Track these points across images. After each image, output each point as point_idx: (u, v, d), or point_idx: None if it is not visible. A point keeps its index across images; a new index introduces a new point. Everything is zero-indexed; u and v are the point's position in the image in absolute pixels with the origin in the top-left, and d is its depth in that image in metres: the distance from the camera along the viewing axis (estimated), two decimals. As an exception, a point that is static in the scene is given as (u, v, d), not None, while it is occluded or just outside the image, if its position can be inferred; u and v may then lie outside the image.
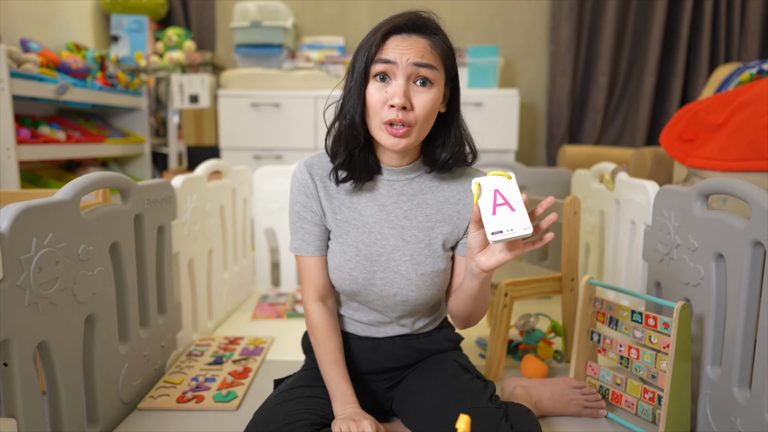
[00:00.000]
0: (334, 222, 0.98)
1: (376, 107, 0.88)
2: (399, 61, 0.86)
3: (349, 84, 0.91)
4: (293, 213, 1.01)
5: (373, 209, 0.97)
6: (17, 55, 1.89)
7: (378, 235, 0.97)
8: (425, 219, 0.98)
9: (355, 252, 0.97)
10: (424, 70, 0.87)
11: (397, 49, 0.86)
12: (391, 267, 0.97)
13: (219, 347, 1.45)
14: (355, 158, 0.93)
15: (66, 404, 0.92)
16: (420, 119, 0.88)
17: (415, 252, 0.97)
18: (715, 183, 1.01)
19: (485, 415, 0.87)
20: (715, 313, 1.00)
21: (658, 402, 1.06)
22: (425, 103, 0.87)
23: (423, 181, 0.99)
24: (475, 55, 2.53)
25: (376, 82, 0.88)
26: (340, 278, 0.99)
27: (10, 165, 1.81)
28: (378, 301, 0.99)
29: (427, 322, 1.06)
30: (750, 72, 1.87)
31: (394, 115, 0.86)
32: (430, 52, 0.88)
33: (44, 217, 0.86)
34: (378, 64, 0.87)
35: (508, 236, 0.78)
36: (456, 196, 0.99)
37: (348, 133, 0.91)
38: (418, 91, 0.87)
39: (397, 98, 0.85)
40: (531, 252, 2.04)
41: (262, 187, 2.02)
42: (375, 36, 0.88)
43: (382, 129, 0.89)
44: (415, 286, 0.97)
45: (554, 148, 2.91)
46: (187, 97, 2.69)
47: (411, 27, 0.88)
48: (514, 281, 1.31)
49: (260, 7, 2.63)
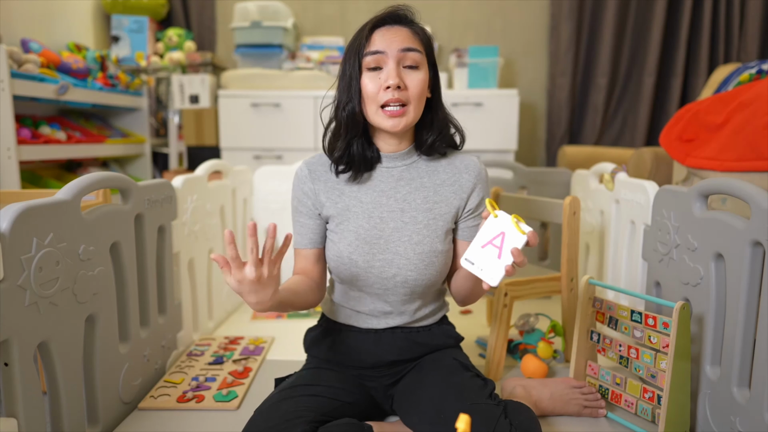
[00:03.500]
0: (335, 210, 1.03)
1: (372, 94, 0.96)
2: (387, 49, 0.95)
3: (343, 81, 1.00)
4: (292, 208, 1.09)
5: (373, 195, 1.03)
6: (18, 56, 1.89)
7: (378, 220, 1.01)
8: (423, 201, 1.02)
9: (354, 236, 1.01)
10: (411, 54, 0.96)
11: (384, 40, 0.96)
12: (389, 248, 1.01)
13: (219, 347, 1.45)
14: (353, 148, 1.00)
15: (66, 404, 0.92)
16: (413, 97, 0.97)
17: (414, 232, 1.01)
18: (714, 183, 1.01)
19: (484, 411, 0.88)
20: (714, 312, 1.00)
21: (657, 402, 1.06)
22: (417, 83, 0.96)
23: (419, 166, 1.05)
24: (475, 55, 2.53)
25: (369, 72, 0.96)
26: (339, 263, 1.02)
27: (11, 165, 1.81)
28: (378, 284, 1.02)
29: (427, 313, 1.08)
30: (749, 72, 1.87)
31: (391, 95, 0.94)
32: (413, 38, 0.98)
33: (45, 217, 0.86)
34: (369, 57, 0.96)
35: (475, 272, 0.85)
36: (452, 178, 1.04)
37: (348, 122, 0.99)
38: (408, 73, 0.97)
39: (391, 79, 0.94)
40: (531, 252, 2.04)
41: (262, 187, 2.02)
42: (362, 33, 0.97)
43: (380, 113, 0.97)
44: (414, 266, 1.00)
45: (554, 148, 2.91)
46: (187, 98, 2.69)
47: (392, 19, 0.98)
48: (514, 281, 1.31)
49: (260, 7, 2.63)
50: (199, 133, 2.68)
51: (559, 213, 1.38)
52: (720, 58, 2.73)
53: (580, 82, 2.89)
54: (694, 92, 2.75)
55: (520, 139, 2.86)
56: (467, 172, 1.04)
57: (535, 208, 1.49)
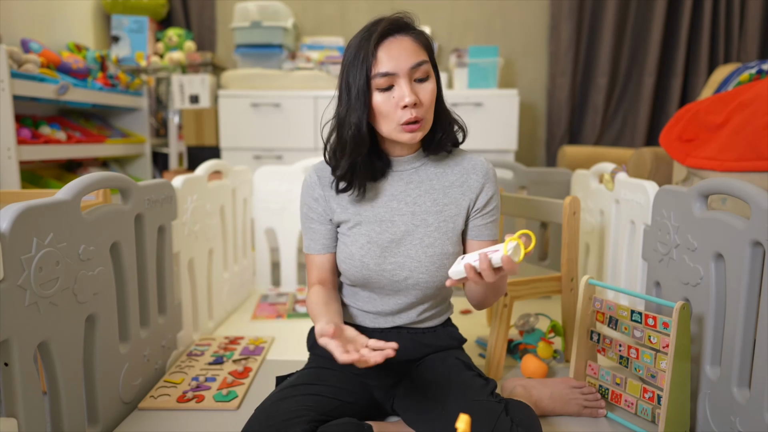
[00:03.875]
0: (346, 215, 1.03)
1: (389, 113, 0.94)
2: (397, 70, 0.93)
3: (348, 97, 0.95)
4: (302, 214, 1.09)
5: (384, 200, 1.03)
6: (18, 56, 1.89)
7: (389, 224, 1.02)
8: (433, 203, 1.02)
9: (366, 240, 1.01)
10: (420, 68, 0.94)
11: (392, 59, 0.93)
12: (401, 251, 1.01)
13: (219, 347, 1.45)
14: (357, 167, 0.98)
15: (66, 404, 0.92)
16: (427, 109, 0.96)
17: (425, 235, 1.01)
18: (714, 183, 1.01)
19: (486, 408, 0.89)
20: (714, 312, 1.00)
21: (657, 402, 1.06)
22: (429, 94, 0.96)
23: (428, 168, 1.05)
24: (475, 55, 2.53)
25: (381, 92, 0.94)
26: (351, 266, 1.02)
27: (11, 165, 1.81)
28: (390, 286, 1.02)
29: (433, 313, 1.09)
30: (749, 72, 1.87)
31: (410, 115, 0.93)
32: (418, 49, 0.95)
33: (45, 217, 0.86)
34: (379, 79, 0.93)
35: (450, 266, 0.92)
36: (460, 179, 1.04)
37: (353, 141, 0.96)
38: (419, 86, 0.95)
39: (408, 98, 0.92)
40: (531, 252, 2.04)
41: (262, 187, 2.02)
42: (366, 49, 0.93)
43: (399, 130, 0.95)
44: (425, 268, 1.01)
45: (554, 148, 2.91)
46: (187, 98, 2.69)
47: (395, 30, 0.95)
48: (514, 281, 1.31)
49: (260, 7, 2.63)
50: (199, 133, 2.68)
51: (559, 213, 1.38)
52: (720, 58, 2.73)
53: (580, 82, 2.89)
54: (694, 92, 2.75)
55: (520, 139, 2.86)
56: (475, 173, 1.04)
57: (535, 208, 1.49)
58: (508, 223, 1.98)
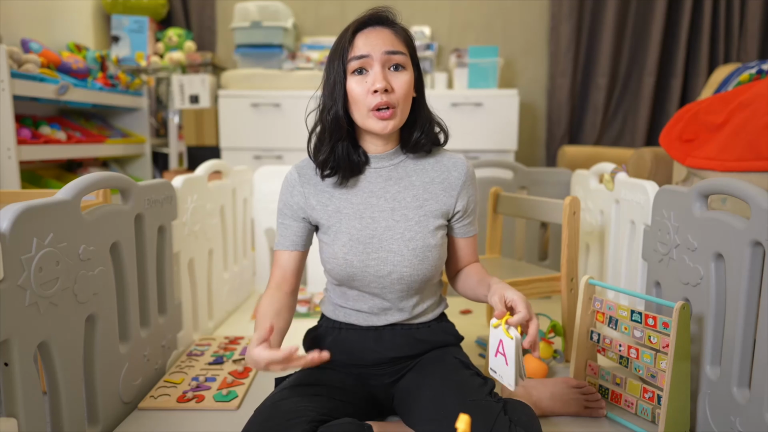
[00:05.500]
0: (326, 213, 1.04)
1: (360, 97, 0.96)
2: (372, 52, 0.95)
3: (327, 85, 1.00)
4: (278, 211, 1.10)
5: (363, 196, 1.04)
6: (18, 56, 1.89)
7: (369, 220, 1.02)
8: (413, 199, 1.04)
9: (348, 237, 1.02)
10: (395, 56, 0.96)
11: (368, 44, 0.96)
12: (383, 246, 1.02)
13: (219, 347, 1.45)
14: (337, 151, 1.01)
15: (66, 404, 0.92)
16: (401, 99, 0.97)
17: (406, 229, 1.02)
18: (714, 183, 1.01)
19: (484, 407, 0.88)
20: (714, 312, 1.00)
21: (657, 401, 1.06)
22: (403, 84, 0.97)
23: (407, 165, 1.06)
24: (475, 55, 2.53)
25: (355, 76, 0.97)
26: (335, 265, 1.03)
27: (11, 165, 1.81)
28: (375, 282, 1.02)
29: (425, 308, 1.09)
30: (749, 72, 1.87)
31: (379, 99, 0.95)
32: (396, 40, 0.98)
33: (45, 217, 0.86)
34: (354, 61, 0.96)
35: (498, 380, 0.90)
36: (441, 176, 1.05)
37: (332, 126, 0.99)
38: (394, 75, 0.97)
39: (378, 83, 0.94)
40: (531, 252, 2.04)
41: (262, 187, 2.02)
42: (344, 37, 0.97)
43: (369, 116, 0.97)
44: (408, 262, 1.01)
45: (554, 149, 2.91)
46: (187, 98, 2.69)
47: (374, 21, 0.98)
48: (514, 281, 1.31)
49: (260, 7, 2.63)
50: (199, 133, 2.68)
51: (559, 213, 1.38)
52: (720, 58, 2.73)
53: (580, 82, 2.89)
54: (694, 92, 2.75)
55: (520, 139, 2.86)
56: (456, 170, 1.05)
57: (535, 208, 1.49)
58: (509, 223, 1.98)
